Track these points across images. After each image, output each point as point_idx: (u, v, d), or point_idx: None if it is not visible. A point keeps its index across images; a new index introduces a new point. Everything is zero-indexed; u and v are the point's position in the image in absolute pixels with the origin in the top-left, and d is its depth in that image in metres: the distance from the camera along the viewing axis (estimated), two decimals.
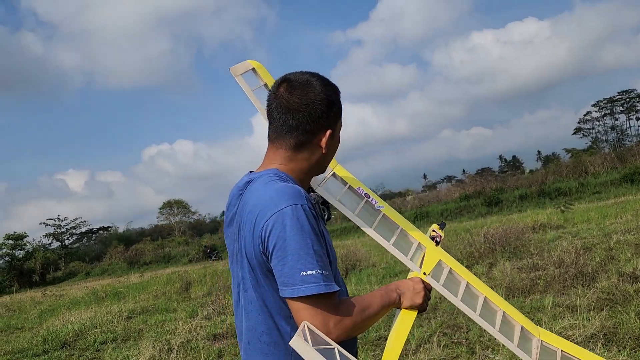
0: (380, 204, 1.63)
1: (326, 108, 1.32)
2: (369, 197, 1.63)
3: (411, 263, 1.52)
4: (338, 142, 1.43)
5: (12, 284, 36.75)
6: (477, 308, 1.48)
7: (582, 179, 26.59)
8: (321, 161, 1.39)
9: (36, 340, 8.05)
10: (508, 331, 1.48)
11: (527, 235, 9.88)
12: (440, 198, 34.82)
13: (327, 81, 1.36)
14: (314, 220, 1.21)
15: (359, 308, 1.23)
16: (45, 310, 13.21)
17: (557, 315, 4.80)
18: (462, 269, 1.59)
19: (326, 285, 1.15)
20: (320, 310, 1.16)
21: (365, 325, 1.25)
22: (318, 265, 1.16)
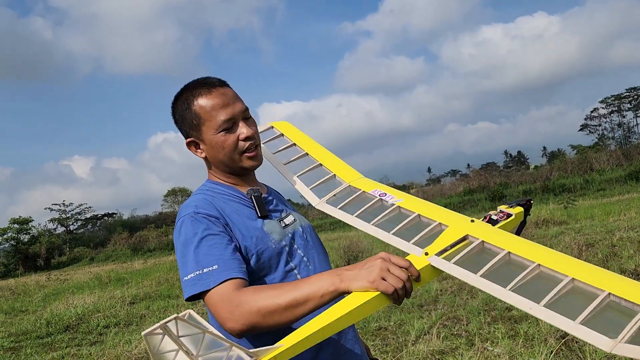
0: (399, 197, 1.44)
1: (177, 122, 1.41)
2: (384, 195, 1.46)
3: (409, 245, 1.26)
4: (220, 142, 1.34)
5: (17, 268, 37.09)
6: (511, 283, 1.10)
7: (587, 175, 26.48)
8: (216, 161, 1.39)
9: (40, 323, 8.14)
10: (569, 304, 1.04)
11: (530, 231, 9.89)
12: (444, 192, 34.77)
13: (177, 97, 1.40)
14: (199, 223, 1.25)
15: (272, 293, 1.11)
16: (50, 294, 13.34)
17: None
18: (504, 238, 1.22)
19: (203, 284, 1.16)
20: (213, 303, 1.15)
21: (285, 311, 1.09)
22: (196, 267, 1.18)
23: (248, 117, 1.39)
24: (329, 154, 1.69)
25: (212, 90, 1.34)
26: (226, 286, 1.14)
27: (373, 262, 1.09)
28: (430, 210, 1.36)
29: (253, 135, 1.37)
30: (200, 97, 1.33)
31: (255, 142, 1.38)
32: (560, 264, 1.11)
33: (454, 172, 67.14)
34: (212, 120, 1.32)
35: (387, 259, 1.10)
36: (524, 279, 1.10)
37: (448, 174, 67.99)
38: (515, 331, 4.45)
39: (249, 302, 1.10)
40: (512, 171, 39.86)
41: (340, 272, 1.11)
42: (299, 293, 1.09)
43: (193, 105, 1.34)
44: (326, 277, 1.10)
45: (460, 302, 5.82)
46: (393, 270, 1.08)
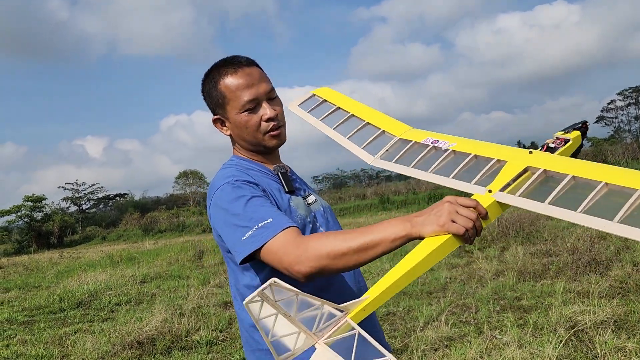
0: (452, 141, 1.41)
1: (205, 99, 1.45)
2: (437, 142, 1.44)
3: (471, 186, 1.25)
4: (244, 122, 1.37)
5: (31, 245, 37.64)
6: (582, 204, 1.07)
7: None
8: (241, 140, 1.42)
9: (53, 299, 8.28)
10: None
11: (542, 222, 9.81)
12: None
13: (206, 75, 1.43)
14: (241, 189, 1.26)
15: (342, 237, 1.11)
16: (62, 270, 13.54)
17: (567, 300, 4.79)
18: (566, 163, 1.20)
19: (263, 236, 1.15)
20: (276, 251, 1.14)
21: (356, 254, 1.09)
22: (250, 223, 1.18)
23: (273, 97, 1.40)
24: (373, 111, 1.69)
25: (238, 70, 1.36)
26: (288, 233, 1.15)
27: (441, 206, 1.08)
28: (486, 149, 1.34)
29: (276, 116, 1.38)
30: (226, 76, 1.36)
31: (278, 123, 1.39)
32: (627, 180, 1.08)
33: None
34: (236, 100, 1.35)
35: (454, 201, 1.09)
36: (593, 199, 1.08)
37: None
38: (524, 320, 4.44)
39: (319, 245, 1.10)
40: None
41: (410, 218, 1.10)
42: (370, 237, 1.08)
43: (219, 84, 1.37)
44: (397, 223, 1.10)
45: (469, 290, 5.81)
46: (461, 212, 1.07)
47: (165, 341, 5.05)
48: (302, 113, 1.74)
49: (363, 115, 1.66)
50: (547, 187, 1.16)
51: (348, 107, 1.70)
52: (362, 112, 1.67)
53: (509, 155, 1.28)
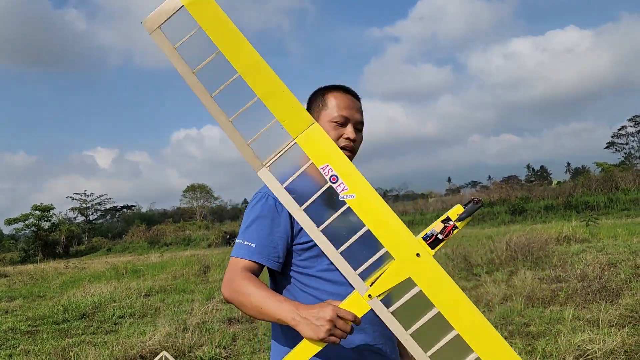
0: (351, 191, 1.22)
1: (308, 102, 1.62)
2: (336, 181, 1.23)
3: (357, 280, 1.22)
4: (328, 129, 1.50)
5: (37, 254, 37.74)
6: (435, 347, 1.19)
7: (612, 194, 25.96)
8: None
9: (57, 309, 8.26)
10: None
11: (551, 247, 9.72)
12: (463, 203, 34.43)
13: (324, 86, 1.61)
14: (268, 207, 1.43)
15: (252, 291, 1.30)
16: (67, 281, 13.54)
17: (577, 328, 4.72)
18: (441, 290, 1.20)
19: (236, 251, 1.41)
20: (228, 266, 1.41)
21: (250, 310, 1.31)
22: (241, 237, 1.42)
23: (360, 129, 1.58)
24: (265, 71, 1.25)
25: (346, 94, 1.56)
26: (242, 263, 1.38)
27: (323, 316, 1.19)
28: (380, 222, 1.22)
29: (355, 139, 1.53)
30: (335, 93, 1.56)
31: (352, 147, 1.54)
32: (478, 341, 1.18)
33: (475, 183, 66.50)
34: (331, 110, 1.53)
35: (335, 316, 1.19)
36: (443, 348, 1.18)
37: (468, 185, 67.39)
38: (532, 347, 4.37)
39: (238, 286, 1.33)
40: (534, 185, 39.25)
41: (299, 312, 1.23)
42: (265, 306, 1.27)
43: (327, 94, 1.56)
44: (289, 310, 1.24)
45: None
46: (340, 325, 1.20)
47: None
48: (166, 46, 1.24)
49: (253, 79, 1.24)
50: (416, 312, 1.21)
51: (234, 54, 1.23)
52: (252, 73, 1.24)
53: (399, 250, 1.21)
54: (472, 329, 1.19)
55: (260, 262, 1.39)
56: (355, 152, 1.57)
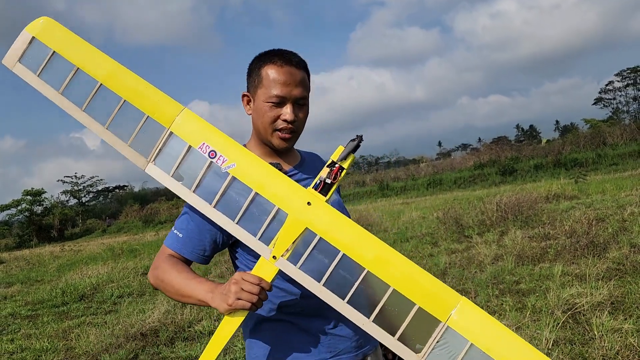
0: (231, 160, 1.26)
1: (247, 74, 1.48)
2: (215, 155, 1.27)
3: (258, 244, 1.25)
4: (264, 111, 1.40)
5: (32, 239, 37.75)
6: (348, 294, 1.20)
7: (600, 150, 26.19)
8: (255, 125, 1.46)
9: (55, 293, 8.33)
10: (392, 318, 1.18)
11: (540, 205, 9.85)
12: (454, 166, 34.62)
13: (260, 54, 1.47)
14: None
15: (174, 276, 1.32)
16: (64, 264, 13.60)
17: (565, 283, 4.84)
18: (341, 232, 1.23)
19: (166, 240, 1.41)
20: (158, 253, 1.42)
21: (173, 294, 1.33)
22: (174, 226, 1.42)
23: (302, 104, 1.42)
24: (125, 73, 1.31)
25: (283, 66, 1.39)
26: (168, 251, 1.39)
27: (228, 287, 1.21)
28: (265, 182, 1.26)
29: (293, 120, 1.39)
30: (271, 65, 1.40)
31: (292, 129, 1.41)
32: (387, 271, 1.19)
33: (465, 146, 66.76)
34: (267, 88, 1.39)
35: (240, 279, 1.21)
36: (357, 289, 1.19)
37: (459, 148, 67.67)
38: (522, 304, 4.49)
39: (161, 272, 1.34)
40: (524, 145, 39.43)
41: (214, 289, 1.25)
42: (185, 289, 1.29)
43: (262, 68, 1.41)
44: (207, 290, 1.26)
45: (468, 275, 5.86)
46: (246, 288, 1.20)
47: (168, 332, 5.10)
48: (29, 77, 1.31)
49: (115, 83, 1.29)
50: (323, 261, 1.22)
51: (91, 67, 1.30)
52: (113, 79, 1.29)
53: (289, 203, 1.24)
54: (381, 262, 1.20)
55: (184, 255, 1.38)
56: (298, 132, 1.44)
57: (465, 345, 1.14)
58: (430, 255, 7.49)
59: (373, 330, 1.18)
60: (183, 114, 1.29)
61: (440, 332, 1.16)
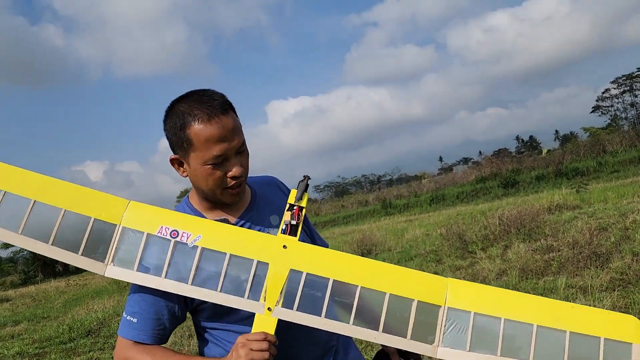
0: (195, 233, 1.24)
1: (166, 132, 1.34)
2: (177, 234, 1.24)
3: (249, 303, 1.22)
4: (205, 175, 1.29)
5: (37, 274, 37.65)
6: (351, 314, 1.21)
7: (600, 157, 26.21)
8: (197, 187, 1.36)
9: (62, 329, 8.31)
10: (399, 322, 1.22)
11: (543, 217, 9.84)
12: (456, 181, 34.64)
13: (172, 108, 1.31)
14: None
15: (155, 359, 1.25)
16: (70, 299, 13.58)
17: (569, 296, 4.84)
18: (323, 262, 1.25)
19: (120, 329, 1.31)
20: (116, 345, 1.33)
21: None
22: (125, 310, 1.32)
23: (242, 151, 1.31)
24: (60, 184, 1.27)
25: (211, 120, 1.24)
26: (128, 343, 1.29)
27: (237, 350, 1.18)
28: (238, 241, 1.25)
29: (241, 174, 1.30)
30: (197, 122, 1.25)
31: (241, 181, 1.32)
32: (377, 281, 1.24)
33: (466, 160, 66.89)
34: (203, 151, 1.26)
35: (245, 342, 1.18)
36: (358, 307, 1.22)
37: (460, 162, 67.73)
38: None
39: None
40: (525, 156, 39.52)
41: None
42: None
43: (188, 128, 1.26)
44: None
45: None
46: (255, 347, 1.17)
47: None
48: None
49: (50, 196, 1.23)
50: (317, 296, 1.23)
51: (20, 187, 1.23)
52: (46, 192, 1.23)
53: (267, 253, 1.25)
54: (368, 274, 1.25)
55: (143, 341, 1.28)
56: (246, 177, 1.36)
57: (470, 316, 1.21)
58: (435, 272, 7.48)
59: (385, 339, 1.21)
60: (130, 206, 1.26)
61: (443, 315, 1.22)
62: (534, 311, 1.22)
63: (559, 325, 1.19)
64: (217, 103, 1.27)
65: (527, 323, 1.20)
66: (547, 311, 1.22)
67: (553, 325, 1.20)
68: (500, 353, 1.19)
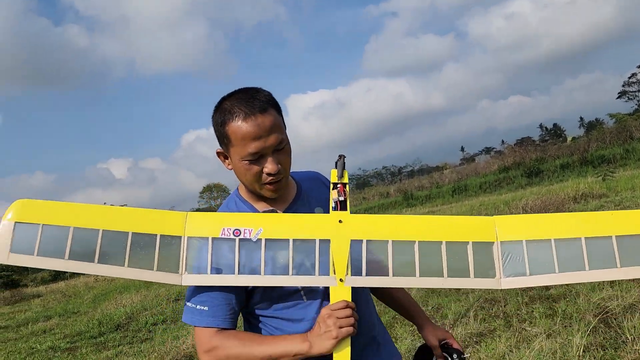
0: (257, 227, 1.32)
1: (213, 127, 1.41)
2: (240, 232, 1.31)
3: (322, 279, 1.30)
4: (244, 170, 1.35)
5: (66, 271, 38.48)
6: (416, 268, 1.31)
7: (627, 144, 25.60)
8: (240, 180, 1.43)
9: (92, 324, 8.53)
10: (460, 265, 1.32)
11: (568, 206, 9.72)
12: (478, 171, 34.23)
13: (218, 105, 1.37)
14: None
15: (248, 344, 1.29)
16: (99, 294, 13.89)
17: (595, 286, 4.78)
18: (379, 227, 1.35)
19: (192, 319, 1.34)
20: (195, 337, 1.35)
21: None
22: (191, 300, 1.34)
23: (281, 148, 1.35)
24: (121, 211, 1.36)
25: (249, 118, 1.29)
26: (208, 331, 1.32)
27: (324, 321, 1.25)
28: (296, 226, 1.34)
29: (278, 171, 1.34)
30: (235, 120, 1.31)
31: (278, 178, 1.36)
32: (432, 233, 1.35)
33: (488, 150, 66.04)
34: (239, 147, 1.32)
35: (331, 313, 1.26)
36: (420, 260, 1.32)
37: (482, 152, 66.95)
38: (553, 310, 4.45)
39: (226, 349, 1.29)
40: (549, 145, 38.80)
41: (307, 338, 1.27)
42: (273, 350, 1.27)
43: (227, 125, 1.32)
44: (298, 341, 1.27)
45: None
46: (341, 315, 1.25)
47: None
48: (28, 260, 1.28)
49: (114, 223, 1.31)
50: (380, 259, 1.32)
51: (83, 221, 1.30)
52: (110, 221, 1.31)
53: (325, 230, 1.33)
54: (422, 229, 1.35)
55: (219, 327, 1.32)
56: (286, 175, 1.39)
57: (522, 245, 1.32)
58: None
59: (452, 283, 1.32)
60: (188, 217, 1.34)
61: (498, 250, 1.33)
62: (578, 226, 1.32)
63: (604, 233, 1.30)
64: (258, 102, 1.32)
65: (575, 238, 1.31)
66: (590, 223, 1.32)
67: (599, 234, 1.31)
68: (558, 270, 1.30)
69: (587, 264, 1.30)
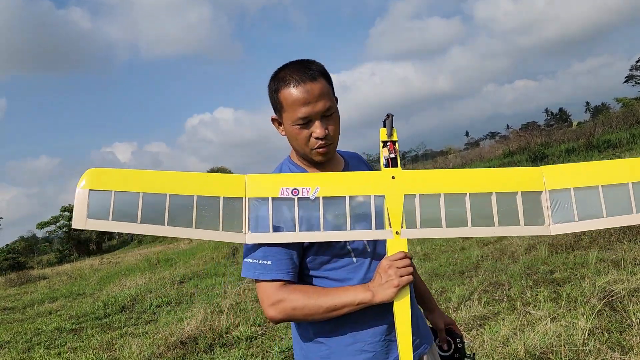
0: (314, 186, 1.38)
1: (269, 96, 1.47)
2: (298, 192, 1.37)
3: (379, 232, 1.36)
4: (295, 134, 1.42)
5: (72, 253, 38.87)
6: (468, 219, 1.36)
7: (634, 129, 25.38)
8: (292, 145, 1.49)
9: (97, 305, 8.60)
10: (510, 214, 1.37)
11: None
12: (483, 155, 34.07)
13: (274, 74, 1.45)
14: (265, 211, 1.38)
15: (314, 296, 1.33)
16: (104, 277, 13.99)
17: (601, 270, 4.76)
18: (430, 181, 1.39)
19: (255, 274, 1.37)
20: (259, 293, 1.39)
21: (324, 313, 1.33)
22: (253, 255, 1.38)
23: (329, 114, 1.41)
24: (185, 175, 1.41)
25: (300, 84, 1.38)
26: (273, 285, 1.36)
27: (385, 272, 1.31)
28: (352, 184, 1.39)
29: (326, 135, 1.41)
30: (287, 87, 1.39)
31: (327, 142, 1.42)
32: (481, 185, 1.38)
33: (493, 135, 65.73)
34: (290, 112, 1.40)
35: (391, 263, 1.31)
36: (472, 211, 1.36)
37: (487, 137, 66.62)
38: (557, 294, 4.44)
39: (292, 301, 1.34)
40: (554, 130, 38.52)
41: (370, 288, 1.32)
42: (338, 300, 1.32)
43: (280, 92, 1.41)
44: (361, 291, 1.32)
45: (501, 267, 5.81)
46: (400, 265, 1.31)
47: (207, 339, 5.22)
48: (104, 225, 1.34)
49: (179, 188, 1.37)
50: (432, 210, 1.37)
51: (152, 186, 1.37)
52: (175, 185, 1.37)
53: (379, 186, 1.38)
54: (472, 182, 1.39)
55: (283, 279, 1.36)
56: (334, 142, 1.45)
57: (570, 192, 1.36)
58: (462, 248, 7.44)
59: (503, 231, 1.36)
60: (248, 179, 1.40)
61: (546, 198, 1.37)
62: (624, 172, 1.35)
63: None
64: (309, 71, 1.40)
65: (621, 184, 1.34)
66: (636, 169, 1.35)
67: None
68: (606, 214, 1.34)
69: (635, 208, 1.33)
